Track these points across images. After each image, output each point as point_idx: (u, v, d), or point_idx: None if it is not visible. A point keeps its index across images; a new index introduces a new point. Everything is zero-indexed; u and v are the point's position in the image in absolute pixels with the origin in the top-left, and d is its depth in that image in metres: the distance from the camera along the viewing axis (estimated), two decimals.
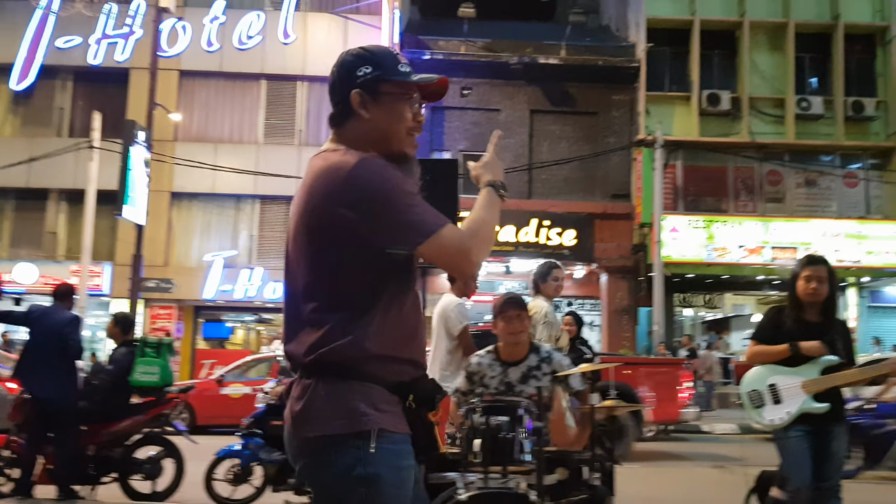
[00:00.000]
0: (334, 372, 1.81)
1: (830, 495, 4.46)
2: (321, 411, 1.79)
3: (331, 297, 1.84)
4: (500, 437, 3.57)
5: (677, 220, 18.10)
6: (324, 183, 1.85)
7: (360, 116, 1.93)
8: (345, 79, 1.94)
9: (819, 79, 19.57)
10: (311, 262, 1.87)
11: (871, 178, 19.14)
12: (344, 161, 1.84)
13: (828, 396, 4.43)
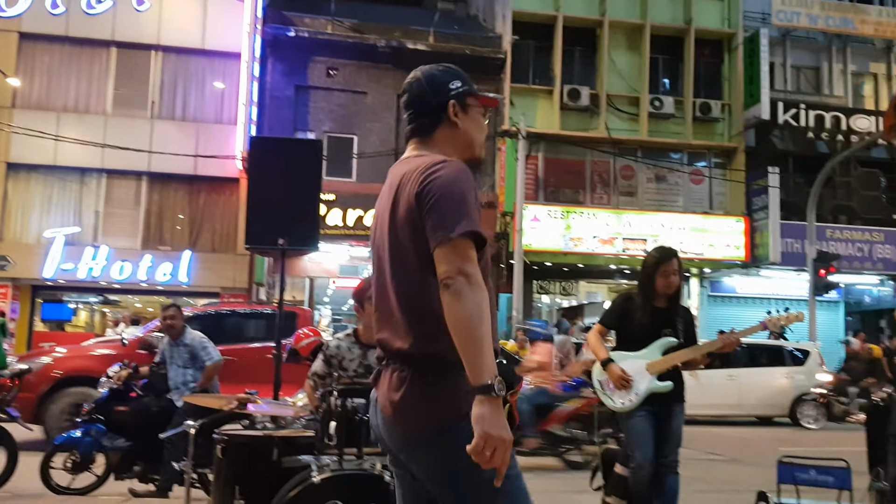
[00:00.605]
0: (434, 365, 1.91)
1: (669, 470, 4.69)
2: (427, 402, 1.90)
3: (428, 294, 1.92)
4: (356, 419, 3.53)
5: (538, 210, 18.60)
6: (414, 183, 1.96)
7: (452, 125, 2.11)
8: (438, 91, 2.13)
9: (671, 80, 20.63)
10: (406, 260, 1.98)
11: (714, 176, 20.40)
12: (430, 159, 2.00)
13: (670, 376, 4.68)
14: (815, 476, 4.70)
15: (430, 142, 2.12)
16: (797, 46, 21.25)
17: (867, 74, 21.72)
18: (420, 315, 1.94)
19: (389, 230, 2.02)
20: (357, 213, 17.37)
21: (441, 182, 1.93)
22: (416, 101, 2.14)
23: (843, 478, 4.59)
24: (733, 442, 11.42)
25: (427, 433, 1.90)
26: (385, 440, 2.04)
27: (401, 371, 1.95)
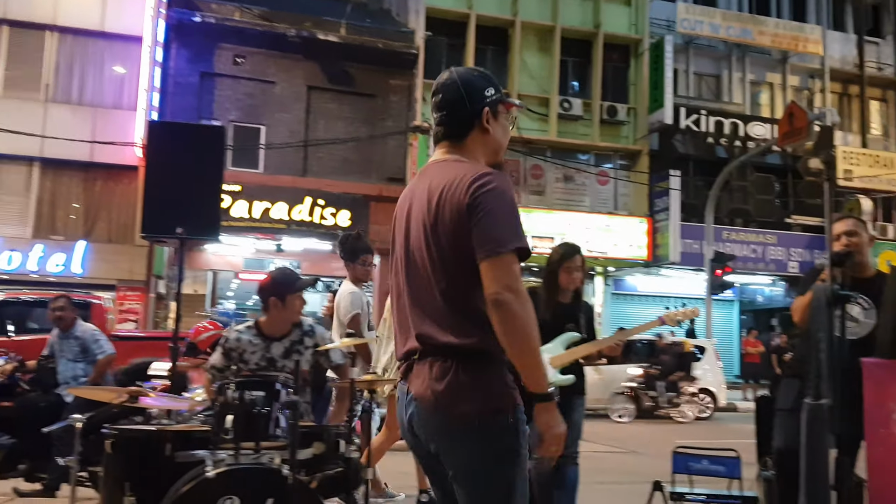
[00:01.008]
0: (476, 357, 2.03)
1: (570, 462, 4.77)
2: (468, 390, 2.01)
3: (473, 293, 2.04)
4: (254, 412, 3.43)
5: None
6: (458, 187, 2.06)
7: (484, 131, 2.19)
8: (474, 98, 2.18)
9: (580, 82, 21.05)
10: (446, 261, 2.07)
11: (619, 178, 20.93)
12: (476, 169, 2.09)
13: (571, 370, 4.75)
14: (707, 466, 4.83)
15: (461, 146, 2.21)
16: (699, 54, 22.04)
17: (764, 84, 22.72)
18: (464, 312, 2.06)
19: (433, 233, 2.09)
20: (264, 205, 16.94)
21: (492, 196, 2.04)
22: (451, 105, 2.20)
23: (734, 467, 4.75)
24: (633, 434, 11.72)
25: (466, 420, 2.01)
26: (419, 432, 2.12)
27: (443, 362, 2.05)
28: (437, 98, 2.22)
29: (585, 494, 5.48)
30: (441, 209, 2.08)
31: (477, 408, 2.01)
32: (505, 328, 1.98)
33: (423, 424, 2.09)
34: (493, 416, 2.02)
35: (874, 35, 23.56)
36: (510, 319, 1.98)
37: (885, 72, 23.36)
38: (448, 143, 2.22)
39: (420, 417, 2.10)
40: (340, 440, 3.71)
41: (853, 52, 23.16)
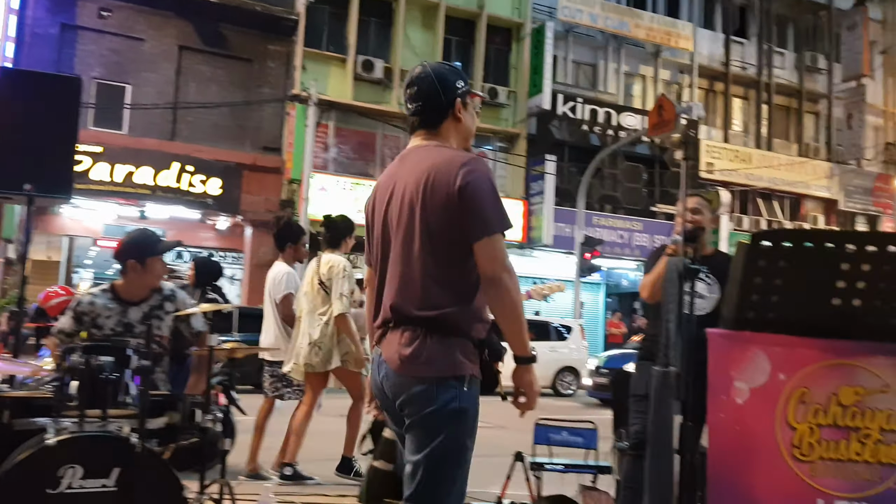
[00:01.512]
0: (443, 328, 2.24)
1: None
2: (432, 357, 2.22)
3: (451, 268, 2.25)
4: (102, 378, 3.23)
5: (326, 180, 18.35)
6: (446, 171, 2.24)
7: (457, 119, 2.40)
8: (448, 89, 2.38)
9: (463, 62, 21.08)
10: (430, 237, 2.25)
11: (499, 160, 21.23)
12: (461, 156, 2.30)
13: None
14: (566, 437, 4.98)
15: (436, 133, 2.40)
16: (578, 43, 22.59)
17: (637, 76, 23.58)
18: (441, 286, 2.25)
19: (421, 212, 2.26)
20: (127, 168, 16.05)
21: (481, 180, 2.26)
22: (426, 96, 2.38)
23: (591, 438, 4.93)
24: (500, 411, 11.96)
25: (428, 381, 2.22)
26: (388, 392, 2.32)
27: (413, 331, 2.25)
28: (413, 90, 2.41)
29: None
30: (429, 191, 2.26)
31: (437, 371, 2.23)
32: (499, 301, 2.22)
33: (391, 384, 2.30)
34: (450, 380, 2.23)
35: (740, 35, 24.88)
36: (505, 294, 2.21)
37: (749, 71, 24.73)
38: (424, 131, 2.41)
39: (389, 378, 2.31)
40: (196, 410, 3.56)
41: (720, 50, 24.39)
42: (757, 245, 2.33)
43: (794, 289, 2.36)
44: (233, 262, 18.51)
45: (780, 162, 24.18)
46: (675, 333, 2.35)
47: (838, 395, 2.33)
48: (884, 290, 2.33)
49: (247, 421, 6.50)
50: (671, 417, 2.30)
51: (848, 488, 2.28)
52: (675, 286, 2.40)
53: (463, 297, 2.26)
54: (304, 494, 4.94)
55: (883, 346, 2.37)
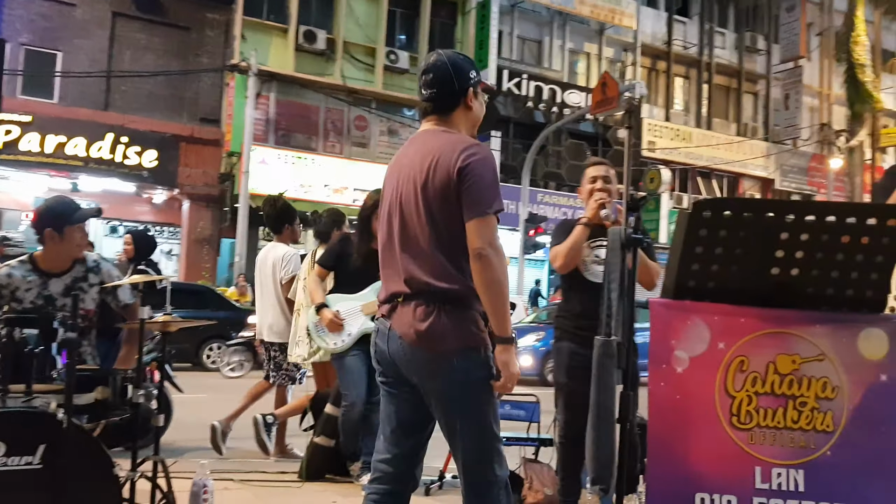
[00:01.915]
0: (455, 302, 2.37)
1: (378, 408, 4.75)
2: (448, 331, 2.35)
3: (454, 246, 2.37)
4: (25, 352, 3.08)
5: (267, 153, 18.01)
6: (449, 152, 2.38)
7: (468, 108, 2.53)
8: (461, 78, 2.50)
9: (408, 35, 20.90)
10: (434, 217, 2.38)
11: None
12: (465, 140, 2.44)
13: None
14: (509, 410, 5.00)
15: (447, 119, 2.53)
16: (523, 18, 22.55)
17: (582, 53, 23.68)
18: (447, 261, 2.37)
19: (423, 191, 2.40)
20: (58, 139, 15.50)
21: (480, 164, 2.37)
22: (440, 84, 2.49)
23: (532, 411, 4.95)
24: None
25: (446, 356, 2.35)
26: (402, 367, 2.44)
27: (427, 305, 2.37)
28: (428, 77, 2.51)
29: None
30: (432, 172, 2.38)
31: (455, 345, 2.36)
32: (483, 277, 2.32)
33: (406, 360, 2.41)
34: (468, 352, 2.38)
35: (682, 14, 25.17)
36: (489, 270, 2.32)
37: (690, 51, 25.08)
38: (436, 117, 2.53)
39: (404, 353, 2.41)
40: (128, 385, 3.44)
41: (663, 29, 24.65)
42: (698, 214, 2.32)
43: (734, 258, 2.35)
44: (170, 237, 18.10)
45: (719, 141, 24.65)
46: (618, 303, 2.33)
47: (776, 364, 2.34)
48: (821, 260, 2.35)
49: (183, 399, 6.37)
50: (613, 387, 2.29)
51: (785, 455, 2.30)
52: (618, 256, 2.38)
53: (469, 272, 2.37)
54: (242, 472, 4.85)
55: (819, 314, 2.39)
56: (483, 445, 2.44)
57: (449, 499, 4.52)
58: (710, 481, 2.28)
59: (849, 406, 2.32)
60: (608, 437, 2.26)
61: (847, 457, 2.30)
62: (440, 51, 2.57)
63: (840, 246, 2.32)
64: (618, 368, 2.26)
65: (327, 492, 4.53)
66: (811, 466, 2.30)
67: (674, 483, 2.28)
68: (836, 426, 2.32)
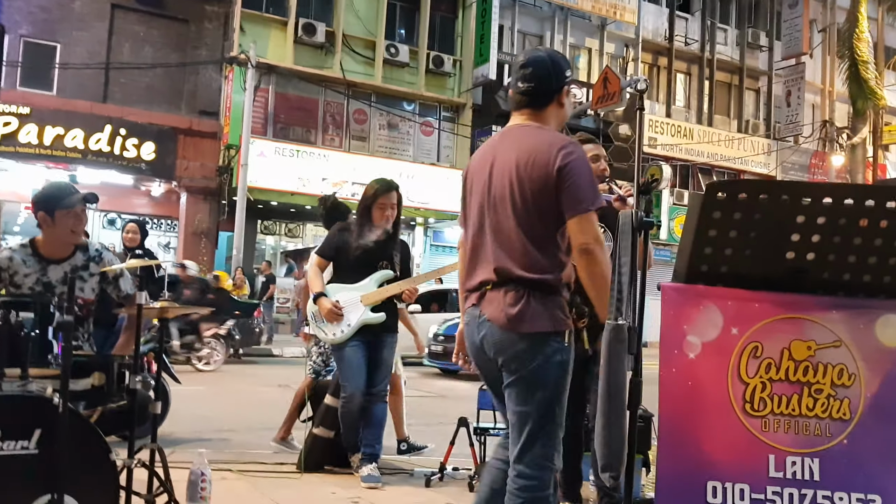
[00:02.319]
0: (543, 288, 2.45)
1: (378, 399, 4.71)
2: (536, 315, 2.43)
3: (546, 239, 2.48)
4: (21, 335, 3.02)
5: (265, 146, 17.92)
6: (546, 151, 2.46)
7: (561, 105, 2.61)
8: (559, 76, 2.58)
9: (408, 29, 20.80)
10: (529, 210, 2.47)
11: (444, 129, 21.04)
12: (561, 138, 2.52)
13: (383, 308, 4.66)
14: None
15: (540, 115, 2.59)
16: (525, 13, 22.44)
17: (583, 48, 23.58)
18: (539, 252, 2.46)
19: (519, 187, 2.48)
20: (56, 130, 15.38)
21: (578, 163, 2.46)
22: (539, 79, 2.55)
23: None
24: (443, 380, 11.96)
25: (535, 338, 2.42)
26: (488, 349, 2.53)
27: (517, 291, 2.46)
28: (527, 70, 2.56)
29: (394, 436, 5.46)
30: (529, 168, 2.47)
31: (542, 328, 2.43)
32: (590, 271, 2.41)
33: (493, 341, 2.50)
34: (553, 336, 2.46)
35: (684, 10, 25.07)
36: (595, 264, 2.40)
37: (692, 47, 24.99)
38: (529, 111, 2.60)
39: (492, 335, 2.50)
40: (125, 372, 3.38)
41: (665, 25, 24.55)
42: (712, 196, 2.26)
43: (748, 242, 2.29)
44: (167, 230, 18.03)
45: (720, 138, 24.57)
46: (629, 286, 2.27)
47: (790, 350, 2.29)
48: (838, 244, 2.29)
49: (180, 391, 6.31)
50: (625, 373, 2.23)
51: (799, 444, 2.24)
52: (630, 239, 2.32)
53: (558, 262, 2.48)
54: (241, 462, 4.79)
55: (835, 300, 2.33)
56: (551, 430, 2.49)
57: (449, 490, 4.47)
58: (721, 469, 2.22)
59: (866, 394, 2.27)
60: (619, 424, 2.21)
61: (864, 446, 2.25)
62: (541, 47, 2.71)
63: (858, 230, 2.26)
64: (629, 354, 2.21)
65: (326, 483, 4.47)
66: (827, 455, 2.25)
67: (685, 471, 2.22)
68: (853, 414, 2.26)
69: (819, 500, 2.22)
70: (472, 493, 4.39)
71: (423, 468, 4.92)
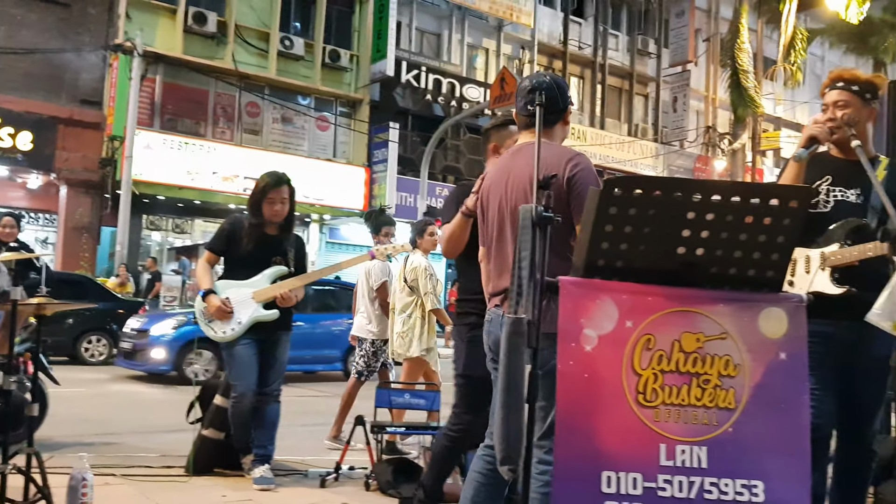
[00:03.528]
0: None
1: (272, 399, 4.60)
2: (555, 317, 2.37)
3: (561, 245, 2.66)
4: None
5: (152, 138, 17.23)
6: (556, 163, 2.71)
7: (565, 124, 2.96)
8: (564, 97, 2.91)
9: (303, 21, 20.44)
10: None
11: (340, 125, 20.81)
12: (569, 151, 2.82)
13: (277, 304, 4.56)
14: (409, 399, 4.94)
15: (549, 132, 2.87)
16: (422, 10, 22.49)
17: (480, 48, 23.84)
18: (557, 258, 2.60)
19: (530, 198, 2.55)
20: None
21: (586, 173, 2.74)
22: (549, 99, 2.74)
23: (434, 400, 4.90)
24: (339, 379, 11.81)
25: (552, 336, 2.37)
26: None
27: None
28: (537, 94, 2.68)
29: (287, 437, 5.33)
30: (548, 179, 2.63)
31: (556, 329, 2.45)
32: None
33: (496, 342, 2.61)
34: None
35: (578, 15, 25.73)
36: None
37: (585, 51, 25.67)
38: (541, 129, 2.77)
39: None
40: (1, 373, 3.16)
41: (559, 28, 25.12)
42: (609, 192, 2.29)
43: (642, 237, 2.34)
44: (45, 224, 17.10)
45: (611, 140, 25.36)
46: (528, 281, 2.27)
47: (681, 342, 2.34)
48: (725, 240, 2.36)
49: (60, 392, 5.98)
50: (524, 366, 2.23)
51: (688, 433, 2.30)
52: (529, 234, 2.32)
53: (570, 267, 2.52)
54: (125, 466, 4.57)
55: (722, 293, 2.41)
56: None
57: (345, 490, 4.41)
58: (616, 459, 2.25)
59: (750, 384, 2.35)
60: (517, 417, 2.21)
61: (748, 433, 2.32)
62: (546, 73, 3.00)
63: (744, 226, 2.34)
64: (528, 347, 2.22)
65: (217, 486, 4.33)
66: (714, 443, 2.31)
67: (580, 461, 2.24)
68: (738, 403, 2.34)
69: (706, 486, 2.28)
70: (368, 492, 4.35)
71: (318, 468, 4.84)
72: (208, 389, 5.00)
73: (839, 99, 2.96)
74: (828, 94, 3.01)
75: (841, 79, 3.00)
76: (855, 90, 2.96)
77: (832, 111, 2.97)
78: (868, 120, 3.01)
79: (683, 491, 2.27)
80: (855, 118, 2.93)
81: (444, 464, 3.58)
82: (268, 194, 4.59)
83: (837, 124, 2.94)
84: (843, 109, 2.95)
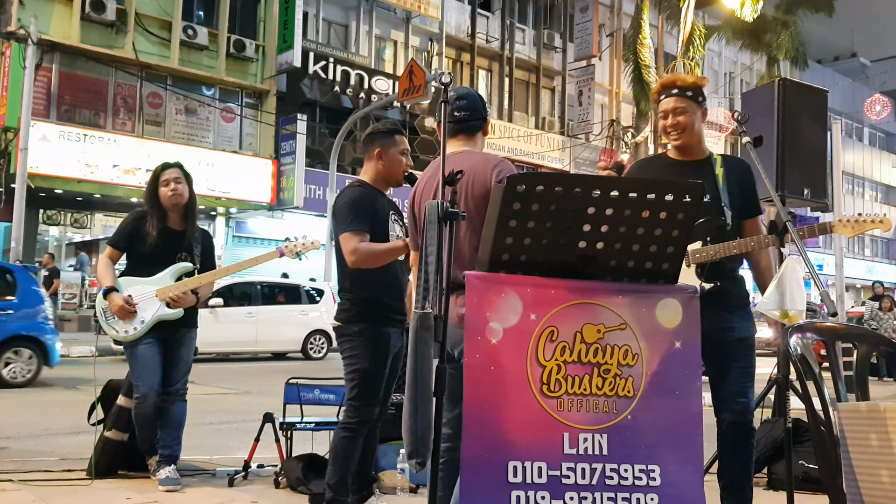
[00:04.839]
0: None
1: (177, 398, 4.50)
2: None
3: None
4: None
5: (48, 129, 16.48)
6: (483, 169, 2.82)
7: (484, 133, 3.09)
8: (484, 107, 3.08)
9: (207, 11, 19.91)
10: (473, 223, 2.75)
11: (246, 116, 20.39)
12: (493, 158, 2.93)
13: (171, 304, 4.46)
14: (318, 395, 4.90)
15: (472, 139, 2.99)
16: (330, 1, 22.24)
17: (389, 40, 23.76)
18: None
19: (463, 201, 2.75)
20: None
21: None
22: (472, 109, 2.97)
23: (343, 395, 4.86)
24: (246, 376, 11.62)
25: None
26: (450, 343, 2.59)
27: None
28: (463, 102, 2.95)
29: (194, 436, 5.22)
30: (470, 185, 2.77)
31: None
32: None
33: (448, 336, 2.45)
34: None
35: (485, 9, 25.95)
36: None
37: (493, 44, 25.92)
38: (464, 137, 2.97)
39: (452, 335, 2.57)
40: None
41: (467, 21, 25.28)
42: (512, 188, 2.34)
43: (545, 232, 2.40)
44: None
45: (519, 133, 25.72)
46: (435, 275, 2.31)
47: (583, 333, 2.42)
48: (623, 234, 2.45)
49: None
50: (431, 360, 2.26)
51: (590, 421, 2.38)
52: (435, 229, 2.36)
53: None
54: (22, 472, 4.39)
55: (621, 285, 2.50)
56: None
57: (254, 488, 4.36)
58: (521, 449, 2.32)
59: (647, 372, 2.45)
60: (425, 411, 2.24)
61: (645, 420, 2.42)
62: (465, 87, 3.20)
63: (641, 220, 2.43)
64: (435, 342, 2.25)
65: (121, 489, 4.20)
66: (614, 430, 2.40)
67: (487, 452, 2.29)
68: (636, 391, 2.43)
69: (608, 472, 2.37)
70: (278, 489, 4.31)
71: (226, 467, 4.76)
72: (111, 390, 4.85)
73: (677, 105, 3.17)
74: (664, 102, 3.22)
75: (674, 86, 3.20)
76: (689, 95, 3.17)
77: (672, 118, 3.17)
78: (702, 120, 3.23)
79: (586, 477, 2.35)
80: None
81: (345, 459, 3.58)
82: (160, 178, 4.50)
83: (679, 129, 3.17)
84: (681, 115, 3.16)
